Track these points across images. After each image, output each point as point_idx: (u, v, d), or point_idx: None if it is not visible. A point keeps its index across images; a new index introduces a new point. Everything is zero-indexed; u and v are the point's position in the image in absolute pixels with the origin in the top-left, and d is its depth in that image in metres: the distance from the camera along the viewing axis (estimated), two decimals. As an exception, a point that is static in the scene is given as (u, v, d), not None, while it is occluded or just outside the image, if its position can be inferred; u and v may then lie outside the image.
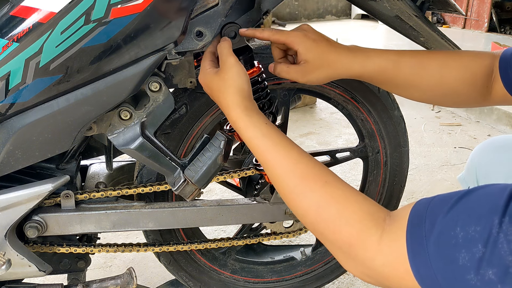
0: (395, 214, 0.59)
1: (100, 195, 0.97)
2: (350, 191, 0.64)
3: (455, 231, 0.49)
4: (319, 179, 0.65)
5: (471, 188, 0.53)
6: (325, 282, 1.32)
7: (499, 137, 1.09)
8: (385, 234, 0.56)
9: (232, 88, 0.75)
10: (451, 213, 0.50)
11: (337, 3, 8.50)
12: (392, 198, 1.25)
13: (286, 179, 0.68)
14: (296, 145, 0.72)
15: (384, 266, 0.56)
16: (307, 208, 0.65)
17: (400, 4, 0.88)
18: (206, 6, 0.82)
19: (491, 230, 0.46)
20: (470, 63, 0.81)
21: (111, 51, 0.77)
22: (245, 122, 0.73)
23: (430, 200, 0.55)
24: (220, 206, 1.03)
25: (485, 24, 6.48)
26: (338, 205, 0.62)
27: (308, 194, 0.65)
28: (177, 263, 1.17)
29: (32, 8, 0.73)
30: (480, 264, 0.46)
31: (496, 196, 0.49)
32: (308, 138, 2.82)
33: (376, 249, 0.56)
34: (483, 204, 0.49)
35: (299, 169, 0.67)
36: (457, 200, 0.51)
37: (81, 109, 0.81)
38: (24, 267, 0.92)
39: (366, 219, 0.59)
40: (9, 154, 0.82)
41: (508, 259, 0.44)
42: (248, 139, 0.73)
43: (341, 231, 0.60)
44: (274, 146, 0.70)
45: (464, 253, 0.47)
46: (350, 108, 1.16)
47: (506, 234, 0.45)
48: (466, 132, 2.91)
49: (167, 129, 1.02)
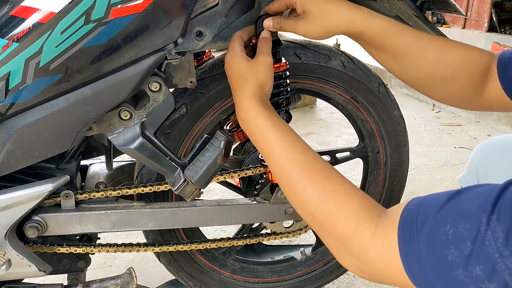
0: (389, 211, 0.60)
1: (100, 195, 0.97)
2: (350, 187, 0.65)
3: (445, 228, 0.50)
4: (321, 174, 0.67)
5: (462, 188, 0.54)
6: (325, 282, 1.32)
7: (499, 137, 1.09)
8: (379, 229, 0.58)
9: (257, 81, 0.77)
10: (442, 211, 0.52)
11: (337, 3, 8.48)
12: (392, 198, 1.25)
13: (289, 171, 0.69)
14: (302, 140, 0.73)
15: (376, 260, 0.57)
16: (308, 200, 0.66)
17: (400, 4, 0.88)
18: (206, 6, 0.82)
19: (479, 227, 0.48)
20: (471, 53, 0.81)
21: (111, 51, 0.77)
22: (257, 111, 0.75)
23: (423, 198, 0.57)
24: (220, 206, 1.03)
25: (485, 24, 6.48)
26: (337, 199, 0.64)
27: (310, 187, 0.67)
28: (177, 263, 1.17)
29: (32, 8, 0.73)
30: (468, 260, 0.47)
31: (486, 195, 0.50)
32: (308, 138, 2.82)
33: (370, 243, 0.58)
34: (473, 202, 0.50)
35: (303, 162, 0.69)
36: (448, 199, 0.53)
37: (81, 109, 0.81)
38: (24, 267, 0.92)
39: (363, 214, 0.61)
40: (9, 154, 0.82)
41: (495, 256, 0.46)
42: (256, 128, 0.74)
43: (338, 224, 0.62)
44: (282, 137, 0.72)
45: (453, 249, 0.49)
46: (350, 108, 1.16)
47: (493, 231, 0.47)
48: (466, 132, 2.91)
49: (167, 129, 1.02)
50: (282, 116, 0.94)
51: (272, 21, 0.83)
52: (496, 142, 1.07)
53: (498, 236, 0.46)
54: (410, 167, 1.27)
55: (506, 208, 0.47)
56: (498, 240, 0.46)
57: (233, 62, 0.80)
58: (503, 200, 0.48)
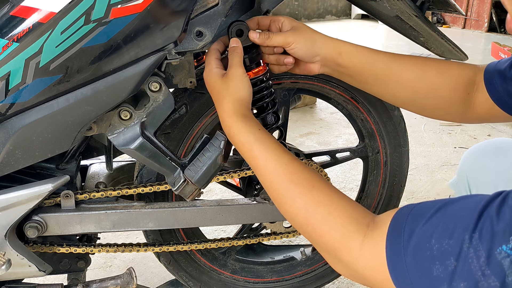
0: (378, 220, 0.61)
1: (100, 195, 0.97)
2: (336, 196, 0.66)
3: (430, 243, 0.51)
4: (307, 184, 0.68)
5: (450, 199, 0.55)
6: (325, 282, 1.32)
7: (487, 142, 1.09)
8: (367, 239, 0.59)
9: (233, 97, 0.77)
10: (428, 224, 0.53)
11: (337, 3, 8.50)
12: (392, 198, 1.25)
13: (276, 183, 0.70)
14: (287, 150, 0.74)
15: (365, 270, 0.58)
16: (296, 211, 0.67)
17: (400, 4, 0.88)
18: (206, 6, 0.82)
19: (462, 245, 0.48)
20: (451, 66, 0.83)
21: (111, 51, 0.77)
22: (239, 127, 0.75)
23: (411, 208, 0.57)
24: (220, 206, 1.03)
25: (485, 24, 6.48)
26: (323, 210, 0.64)
27: (297, 199, 0.67)
28: (177, 263, 1.17)
29: (32, 8, 0.73)
30: (452, 276, 0.48)
31: (470, 209, 0.51)
32: (308, 138, 2.82)
33: (358, 253, 0.59)
34: (457, 218, 0.51)
35: (289, 174, 0.69)
36: (435, 212, 0.53)
37: (81, 109, 0.81)
38: (24, 267, 0.92)
39: (350, 224, 0.61)
40: (9, 154, 0.82)
41: (478, 274, 0.46)
42: (241, 144, 0.75)
43: (326, 235, 0.63)
44: (265, 151, 0.72)
45: (438, 264, 0.50)
46: (350, 108, 1.16)
47: (475, 250, 0.47)
48: (466, 132, 2.91)
49: (167, 129, 1.02)
50: (270, 118, 0.91)
51: (258, 34, 0.83)
52: (484, 147, 1.07)
53: (480, 254, 0.47)
54: (410, 167, 1.27)
55: (487, 227, 0.47)
56: (480, 259, 0.47)
57: (209, 80, 0.80)
58: (486, 217, 0.48)
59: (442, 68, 0.83)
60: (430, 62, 0.84)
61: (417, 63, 0.84)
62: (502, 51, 3.30)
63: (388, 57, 0.84)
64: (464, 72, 0.83)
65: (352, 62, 0.83)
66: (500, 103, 0.80)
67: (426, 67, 0.83)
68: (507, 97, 0.79)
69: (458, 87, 0.82)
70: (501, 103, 0.80)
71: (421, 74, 0.83)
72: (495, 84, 0.80)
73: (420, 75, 0.83)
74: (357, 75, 0.85)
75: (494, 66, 0.81)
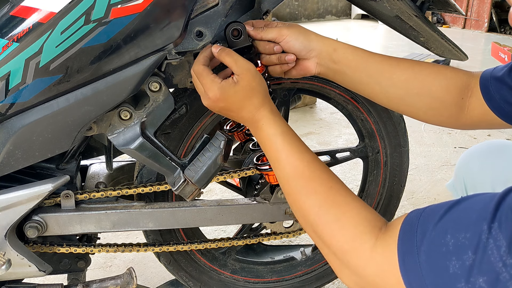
0: (390, 224, 0.60)
1: (100, 195, 0.97)
2: (352, 198, 0.65)
3: (446, 238, 0.49)
4: (325, 184, 0.68)
5: (461, 198, 0.53)
6: (325, 282, 1.32)
7: (484, 145, 1.09)
8: (379, 242, 0.58)
9: (256, 91, 0.76)
10: (441, 221, 0.51)
11: (337, 3, 8.50)
12: (392, 198, 1.25)
13: (294, 179, 0.70)
14: (309, 148, 0.74)
15: (375, 276, 0.56)
16: (308, 209, 0.67)
17: (400, 4, 0.88)
18: (206, 6, 0.82)
19: (481, 236, 0.46)
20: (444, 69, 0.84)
21: (111, 51, 0.77)
22: (269, 120, 0.75)
23: (422, 210, 0.56)
24: (220, 206, 1.03)
25: (485, 24, 6.48)
26: (337, 210, 0.64)
27: (312, 196, 0.67)
28: (177, 263, 1.17)
29: (32, 8, 0.73)
30: (470, 271, 0.46)
31: (486, 202, 0.49)
32: (308, 138, 2.82)
33: (369, 256, 0.57)
34: (473, 211, 0.49)
35: (309, 171, 0.70)
36: (447, 209, 0.52)
37: (81, 109, 0.81)
38: (24, 267, 0.92)
39: (362, 225, 0.60)
40: (9, 154, 0.82)
41: (498, 265, 0.44)
42: (267, 137, 0.75)
43: (337, 235, 0.62)
44: (290, 145, 0.73)
45: (455, 260, 0.47)
46: (350, 108, 1.16)
47: (495, 239, 0.45)
48: (466, 132, 2.91)
49: (167, 129, 1.02)
50: None
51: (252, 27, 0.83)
52: (480, 149, 1.07)
53: (500, 244, 0.45)
54: (410, 167, 1.27)
55: (508, 215, 0.46)
56: (501, 249, 0.45)
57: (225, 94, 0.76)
58: (504, 206, 0.47)
59: (436, 70, 0.83)
60: (424, 64, 0.85)
61: (411, 64, 0.84)
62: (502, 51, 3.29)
63: (381, 57, 0.85)
64: (458, 75, 0.83)
65: (347, 58, 0.83)
66: (496, 109, 0.80)
67: (420, 67, 0.84)
68: (503, 104, 0.78)
69: (451, 89, 0.82)
70: (497, 110, 0.80)
71: (414, 73, 0.83)
72: (492, 90, 0.79)
73: (413, 74, 0.83)
74: (351, 72, 0.85)
75: (490, 73, 0.81)
